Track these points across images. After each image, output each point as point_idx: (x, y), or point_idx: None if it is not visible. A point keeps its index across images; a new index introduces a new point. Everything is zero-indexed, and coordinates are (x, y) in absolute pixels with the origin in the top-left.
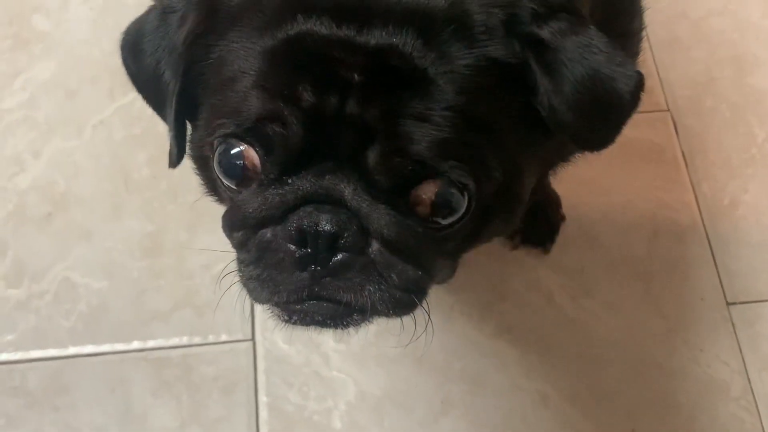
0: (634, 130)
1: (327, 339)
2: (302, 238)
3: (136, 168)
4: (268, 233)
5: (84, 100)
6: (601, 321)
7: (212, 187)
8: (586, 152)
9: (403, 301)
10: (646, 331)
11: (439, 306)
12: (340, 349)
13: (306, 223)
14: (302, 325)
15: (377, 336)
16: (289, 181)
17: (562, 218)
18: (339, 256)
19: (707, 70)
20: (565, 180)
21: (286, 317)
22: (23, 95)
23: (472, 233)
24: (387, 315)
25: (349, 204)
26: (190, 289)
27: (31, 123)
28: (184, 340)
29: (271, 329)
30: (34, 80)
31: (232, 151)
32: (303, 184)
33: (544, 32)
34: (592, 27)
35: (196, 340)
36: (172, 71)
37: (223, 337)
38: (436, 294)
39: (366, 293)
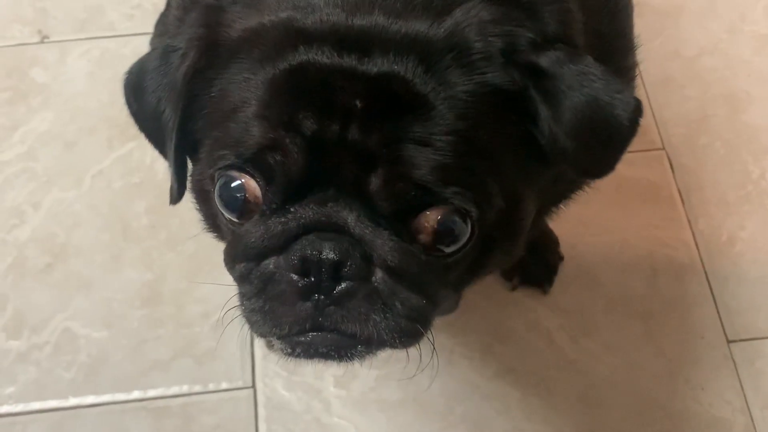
0: (630, 168)
1: (327, 385)
2: (305, 267)
3: (135, 217)
4: (270, 265)
5: (82, 151)
6: (602, 362)
7: (213, 223)
8: (585, 186)
9: (409, 330)
10: (647, 371)
11: (439, 349)
12: (341, 395)
13: (309, 251)
14: (306, 357)
15: (378, 381)
16: (291, 209)
17: (561, 258)
18: (343, 285)
19: (701, 108)
20: (562, 220)
21: (289, 350)
22: (22, 147)
23: (475, 263)
24: (392, 346)
25: (352, 231)
26: (189, 338)
27: (30, 175)
28: (185, 388)
29: (271, 376)
30: (32, 132)
31: (233, 184)
32: (305, 212)
33: (543, 60)
34: (588, 56)
35: (197, 388)
36: (172, 107)
37: (224, 385)
38: (436, 337)
39: (371, 323)
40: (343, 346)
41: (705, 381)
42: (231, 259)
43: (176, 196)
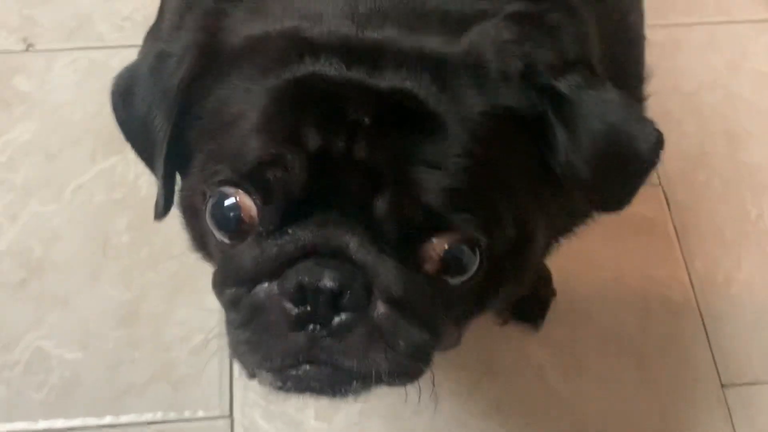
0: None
1: (308, 417)
2: (301, 295)
3: (115, 234)
4: (261, 293)
5: (64, 163)
6: (593, 401)
7: (201, 242)
8: (590, 220)
9: (409, 368)
10: (640, 412)
11: (425, 384)
12: (322, 428)
13: (306, 278)
14: (297, 392)
15: (361, 415)
16: (289, 231)
17: (553, 294)
18: (342, 317)
19: (699, 144)
20: (556, 254)
21: (279, 384)
22: (1, 157)
23: (481, 296)
24: (390, 383)
25: (354, 257)
26: (166, 362)
27: (9, 186)
28: (159, 415)
29: (250, 405)
30: (13, 142)
31: (226, 202)
32: (304, 234)
33: (562, 85)
34: (608, 83)
35: (172, 415)
36: (164, 115)
37: (200, 414)
38: None
39: (370, 359)
40: (338, 381)
41: (697, 425)
42: (220, 284)
43: (162, 212)
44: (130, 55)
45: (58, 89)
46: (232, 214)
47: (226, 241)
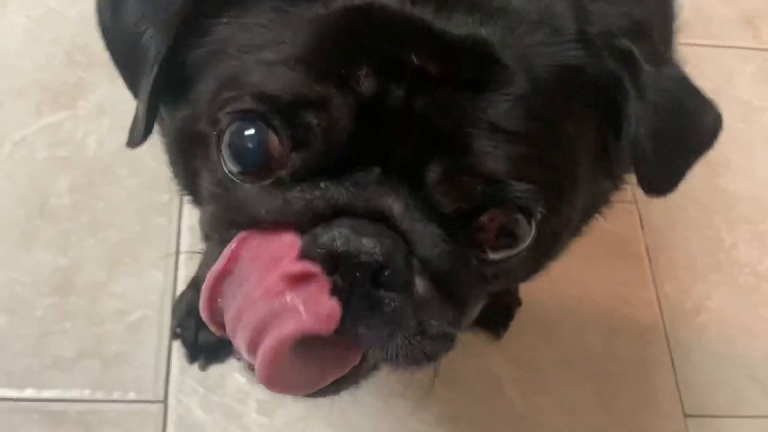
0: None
1: (250, 410)
2: (333, 263)
3: (55, 194)
4: None
5: (6, 114)
6: (551, 420)
7: (190, 180)
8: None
9: (433, 352)
10: None
11: (374, 389)
12: (263, 422)
13: (341, 244)
14: None
15: (307, 411)
16: (322, 185)
17: (519, 303)
18: (381, 293)
19: None
20: None
21: None
22: None
23: (508, 275)
24: (404, 369)
25: (398, 223)
26: (99, 337)
27: None
28: (86, 393)
29: (187, 392)
30: None
31: (249, 131)
32: (338, 192)
33: (639, 51)
34: (673, 57)
35: (100, 395)
36: (159, 30)
37: (131, 396)
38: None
39: (393, 345)
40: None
41: None
42: (216, 224)
43: (139, 138)
44: (89, 7)
45: (7, 35)
46: (257, 145)
47: (237, 175)
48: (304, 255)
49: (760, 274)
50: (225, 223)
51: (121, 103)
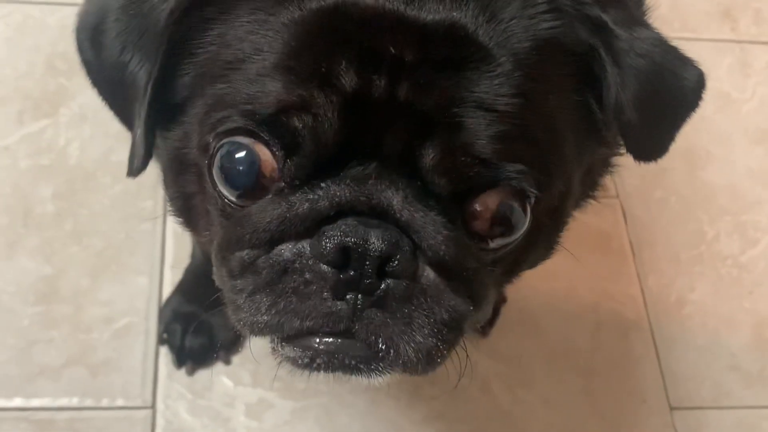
0: (580, 213)
1: (238, 413)
2: (344, 258)
3: (39, 202)
4: (286, 252)
5: None
6: (538, 416)
7: (185, 205)
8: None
9: (444, 344)
10: (583, 431)
11: (361, 387)
12: (252, 426)
13: (351, 239)
14: (328, 370)
15: (294, 414)
16: (322, 185)
17: (504, 300)
18: (389, 283)
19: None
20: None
21: (306, 360)
22: None
23: (515, 261)
24: (413, 367)
25: (397, 216)
26: (86, 344)
27: None
28: (74, 401)
29: (174, 397)
30: None
31: (239, 154)
32: (339, 190)
33: (610, 17)
34: (646, 21)
35: (88, 402)
36: (147, 54)
37: (119, 402)
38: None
39: (411, 333)
40: (373, 358)
41: None
42: (224, 249)
43: (139, 167)
44: (70, 14)
45: None
46: (248, 167)
47: (234, 200)
48: (314, 254)
49: (742, 265)
50: (235, 244)
51: (102, 111)
